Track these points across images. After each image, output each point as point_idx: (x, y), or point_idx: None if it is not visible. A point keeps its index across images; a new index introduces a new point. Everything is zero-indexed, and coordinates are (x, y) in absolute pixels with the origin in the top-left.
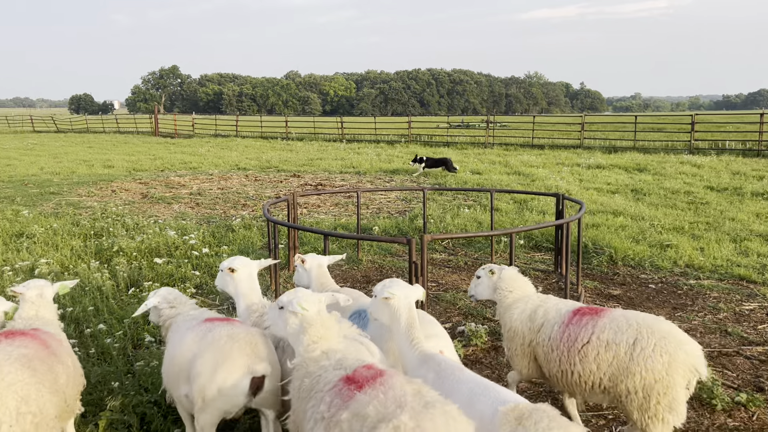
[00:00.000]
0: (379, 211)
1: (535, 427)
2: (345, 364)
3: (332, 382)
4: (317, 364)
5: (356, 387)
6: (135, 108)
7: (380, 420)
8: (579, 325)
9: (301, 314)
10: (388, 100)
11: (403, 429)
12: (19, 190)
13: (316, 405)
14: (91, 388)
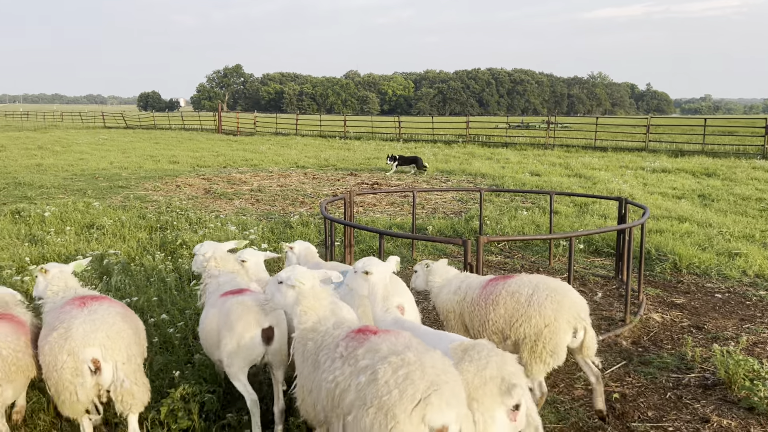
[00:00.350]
0: (435, 212)
1: (478, 355)
2: (345, 325)
3: (341, 335)
4: (314, 332)
5: (370, 333)
6: (200, 106)
7: (390, 353)
8: (493, 285)
9: (297, 287)
10: (446, 99)
11: (408, 361)
12: (90, 183)
13: (331, 351)
14: (153, 376)
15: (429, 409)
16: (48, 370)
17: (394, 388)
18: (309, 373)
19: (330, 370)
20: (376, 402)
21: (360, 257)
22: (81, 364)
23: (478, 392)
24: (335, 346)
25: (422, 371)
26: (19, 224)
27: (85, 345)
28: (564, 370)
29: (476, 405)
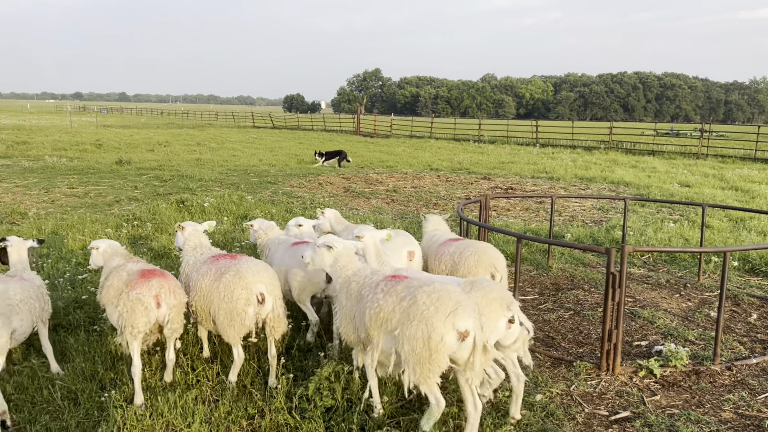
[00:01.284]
0: (573, 219)
1: (483, 285)
2: (380, 273)
3: (380, 278)
4: (355, 276)
5: (403, 277)
6: (339, 108)
7: (423, 285)
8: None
9: (333, 250)
10: (587, 104)
11: (437, 288)
12: (242, 178)
13: (372, 288)
14: (302, 356)
15: (457, 317)
16: (221, 302)
17: (430, 305)
18: (352, 306)
19: (374, 300)
20: (418, 316)
21: None
22: (251, 295)
23: (486, 309)
24: (376, 285)
25: (448, 294)
26: (183, 212)
27: (255, 282)
28: (710, 390)
29: (485, 318)
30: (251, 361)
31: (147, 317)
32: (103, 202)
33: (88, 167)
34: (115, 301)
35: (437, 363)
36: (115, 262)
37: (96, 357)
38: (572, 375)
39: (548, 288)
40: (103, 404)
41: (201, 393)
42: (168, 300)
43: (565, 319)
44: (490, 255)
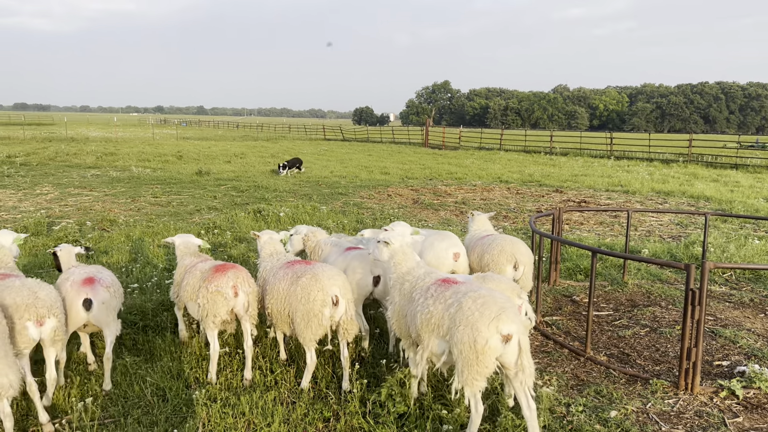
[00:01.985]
0: (649, 234)
1: (492, 278)
2: (433, 275)
3: (431, 282)
4: (408, 275)
5: (452, 282)
6: (408, 120)
7: (469, 291)
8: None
9: (390, 246)
10: (665, 115)
11: (482, 294)
12: (314, 189)
13: (423, 291)
14: (374, 363)
15: (501, 322)
16: (298, 303)
17: (475, 310)
18: (404, 305)
19: (424, 305)
20: (464, 321)
21: (566, 275)
22: (327, 297)
23: (503, 293)
24: (426, 290)
25: (493, 300)
26: (260, 221)
27: (330, 285)
28: None
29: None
30: (326, 366)
31: (227, 306)
32: (185, 210)
33: (170, 177)
34: (194, 297)
35: (484, 365)
36: (188, 260)
37: (182, 357)
38: (648, 393)
39: (623, 304)
40: (189, 401)
41: (279, 394)
42: (244, 288)
43: (641, 336)
44: (513, 247)
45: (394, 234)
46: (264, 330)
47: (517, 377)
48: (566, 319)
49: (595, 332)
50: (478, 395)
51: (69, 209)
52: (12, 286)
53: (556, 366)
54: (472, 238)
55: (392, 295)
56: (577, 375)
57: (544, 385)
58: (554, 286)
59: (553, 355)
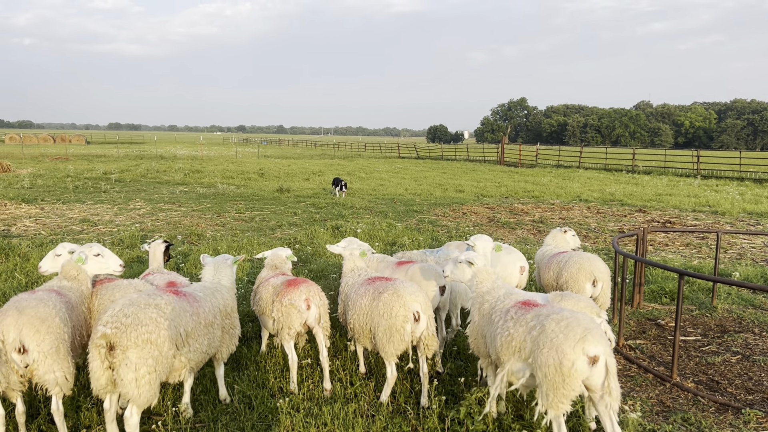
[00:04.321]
0: (741, 257)
1: (570, 296)
2: (513, 297)
3: (511, 304)
4: (488, 295)
5: (533, 305)
6: (482, 138)
7: (552, 313)
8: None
9: (473, 266)
10: (758, 132)
11: (566, 316)
12: (389, 206)
13: (503, 314)
14: (452, 380)
15: (587, 343)
16: (381, 318)
17: (560, 333)
18: (484, 325)
19: (504, 327)
20: (549, 344)
21: (650, 298)
22: (409, 313)
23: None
24: (506, 312)
25: (577, 322)
26: (338, 237)
27: (412, 301)
28: None
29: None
30: (405, 382)
31: (300, 318)
32: (267, 226)
33: (252, 194)
34: (268, 311)
35: (570, 388)
36: (264, 273)
37: (267, 367)
38: (740, 423)
39: (712, 329)
40: (274, 409)
41: (359, 407)
42: (316, 301)
43: (732, 364)
44: (591, 264)
45: (477, 254)
46: (344, 343)
47: (603, 400)
48: (650, 343)
49: (681, 357)
50: (562, 418)
51: (160, 223)
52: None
53: (640, 391)
54: (545, 253)
55: (472, 314)
56: (663, 401)
57: (629, 410)
58: (638, 308)
59: (636, 379)
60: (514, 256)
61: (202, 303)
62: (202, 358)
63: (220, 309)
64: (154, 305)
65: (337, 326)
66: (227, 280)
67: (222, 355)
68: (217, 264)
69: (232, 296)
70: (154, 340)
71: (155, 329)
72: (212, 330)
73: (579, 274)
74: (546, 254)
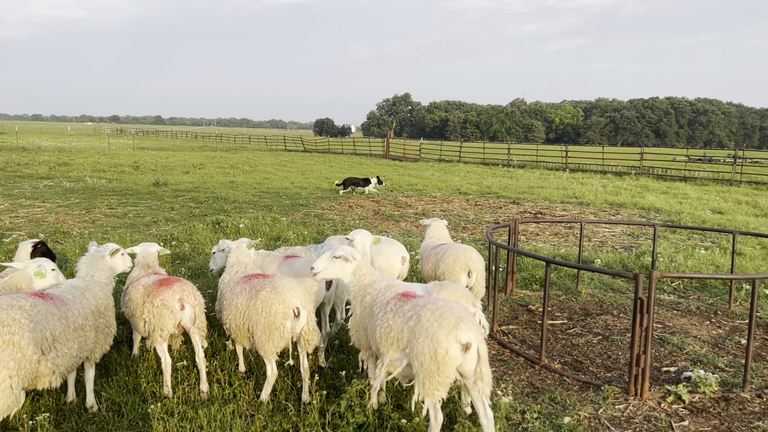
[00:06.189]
0: (602, 245)
1: (448, 286)
2: (394, 289)
3: (391, 296)
4: (370, 288)
5: (411, 296)
6: (369, 132)
7: (427, 304)
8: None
9: (354, 260)
10: (618, 129)
11: (440, 306)
12: (275, 200)
13: (383, 306)
14: (334, 375)
15: (459, 331)
16: (259, 317)
17: (434, 322)
18: (364, 317)
19: (384, 319)
20: (424, 333)
21: (522, 285)
22: (288, 309)
23: (458, 301)
24: (386, 303)
25: (450, 311)
26: (219, 233)
27: (292, 297)
28: (740, 417)
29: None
30: (285, 378)
31: (174, 319)
32: (142, 222)
33: (126, 188)
34: (138, 312)
35: (445, 375)
36: (135, 272)
37: (139, 371)
38: (600, 399)
39: (577, 313)
40: (146, 416)
41: (238, 407)
42: (191, 300)
43: (593, 344)
44: (467, 255)
45: (354, 250)
46: (223, 342)
47: (476, 386)
48: (522, 328)
49: (549, 340)
50: (438, 405)
51: (20, 221)
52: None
53: (512, 374)
54: (428, 245)
55: (353, 307)
56: (533, 383)
57: (501, 394)
58: (511, 295)
59: (509, 363)
60: (395, 247)
61: (70, 306)
62: (73, 363)
63: (92, 309)
64: (18, 306)
65: (216, 325)
66: (103, 275)
67: (95, 356)
68: (92, 257)
69: (107, 293)
70: (17, 342)
71: (18, 330)
72: (83, 333)
73: (455, 265)
74: (428, 246)
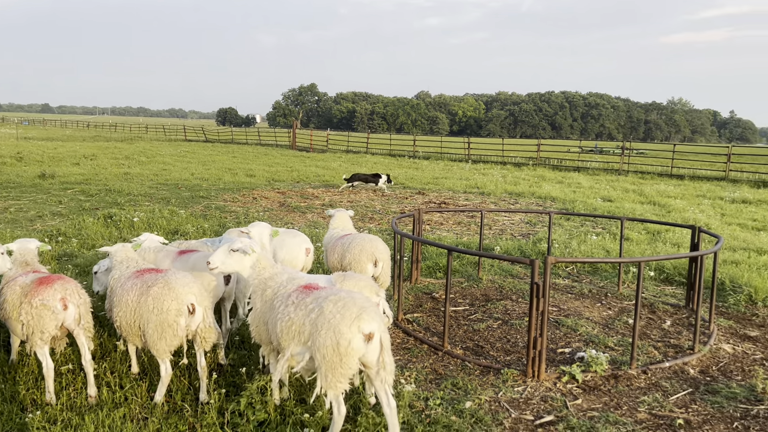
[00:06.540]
0: (502, 233)
1: (352, 276)
2: (296, 281)
3: (293, 288)
4: (271, 281)
5: (314, 288)
6: (275, 122)
7: (330, 295)
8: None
9: (254, 253)
10: (517, 122)
11: (342, 297)
12: (173, 192)
13: (284, 299)
14: (233, 372)
15: (362, 322)
16: (151, 314)
17: (336, 313)
18: (265, 311)
19: (285, 313)
20: (326, 325)
21: (426, 273)
22: (182, 306)
23: (362, 291)
24: (287, 297)
25: (353, 301)
26: (111, 228)
27: (186, 293)
28: (627, 393)
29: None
30: (182, 378)
31: (55, 320)
32: (25, 217)
33: (7, 181)
34: (15, 314)
35: (348, 367)
36: (12, 272)
37: (17, 377)
38: (500, 382)
39: (478, 299)
40: (24, 426)
41: (129, 411)
42: (74, 299)
43: (493, 329)
44: (372, 245)
45: (252, 242)
46: (114, 343)
47: (379, 375)
48: (426, 316)
49: (452, 327)
50: (341, 397)
51: None
52: None
53: (416, 361)
54: (332, 236)
55: (253, 301)
56: (436, 369)
57: (404, 383)
58: (416, 284)
59: (413, 351)
60: (299, 238)
61: None
62: None
63: None
64: None
65: (106, 324)
66: None
67: None
68: None
69: None
70: None
71: None
72: None
73: (361, 255)
74: (333, 237)
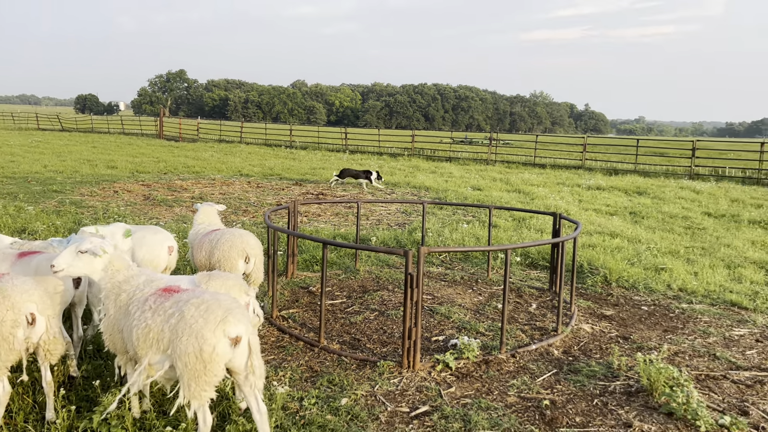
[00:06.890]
0: (379, 223)
1: (218, 275)
2: (155, 283)
3: (151, 292)
4: (126, 284)
5: (174, 291)
6: (140, 110)
7: (191, 298)
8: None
9: (104, 255)
10: (393, 113)
11: (206, 299)
12: (21, 186)
13: (140, 304)
14: (87, 385)
15: (228, 325)
16: None
17: (199, 317)
18: (120, 318)
19: (141, 319)
20: (188, 330)
21: (303, 267)
22: (19, 316)
23: (230, 291)
24: (144, 301)
25: (218, 303)
26: None
27: (24, 301)
28: (498, 378)
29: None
30: (25, 396)
31: None
32: None
33: None
34: None
35: (213, 374)
36: None
37: None
38: (376, 375)
39: (356, 290)
40: None
41: None
42: None
43: (370, 321)
44: (243, 241)
45: (104, 242)
46: None
47: (248, 380)
48: (303, 311)
49: (329, 321)
50: (206, 406)
51: None
52: None
53: (291, 360)
54: (198, 232)
55: (106, 307)
56: (312, 366)
57: (277, 385)
58: (292, 278)
59: (288, 349)
60: (161, 236)
61: None
62: None
63: None
64: None
65: None
66: None
67: None
68: None
69: None
70: None
71: None
72: None
73: (231, 252)
74: (199, 233)
